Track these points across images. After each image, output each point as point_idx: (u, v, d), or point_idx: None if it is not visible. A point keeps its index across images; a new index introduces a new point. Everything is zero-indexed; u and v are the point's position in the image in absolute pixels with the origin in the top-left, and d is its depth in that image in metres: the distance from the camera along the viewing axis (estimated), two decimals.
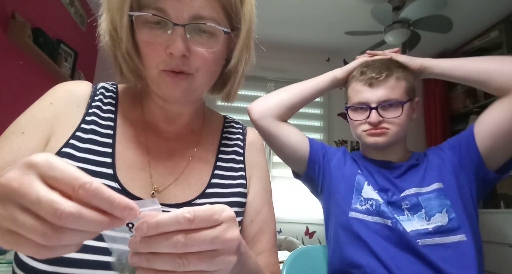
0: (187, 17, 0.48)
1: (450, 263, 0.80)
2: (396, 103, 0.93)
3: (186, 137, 0.62)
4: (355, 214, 0.92)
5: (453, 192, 0.89)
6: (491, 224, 2.51)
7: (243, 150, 0.67)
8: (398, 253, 0.84)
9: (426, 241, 0.84)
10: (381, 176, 0.96)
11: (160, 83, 0.52)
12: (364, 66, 1.00)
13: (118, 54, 0.54)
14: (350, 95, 1.01)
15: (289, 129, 1.04)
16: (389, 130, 0.94)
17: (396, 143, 0.98)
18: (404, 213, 0.89)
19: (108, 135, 0.55)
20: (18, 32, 1.80)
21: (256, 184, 0.65)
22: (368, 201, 0.92)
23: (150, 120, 0.60)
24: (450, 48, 3.23)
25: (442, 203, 0.87)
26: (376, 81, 0.94)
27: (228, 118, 0.72)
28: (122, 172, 0.52)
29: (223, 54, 0.55)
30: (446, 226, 0.85)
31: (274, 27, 3.00)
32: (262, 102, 1.05)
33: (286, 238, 2.26)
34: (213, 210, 0.32)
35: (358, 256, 0.87)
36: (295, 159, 1.04)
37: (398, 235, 0.85)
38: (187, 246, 0.30)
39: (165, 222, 0.30)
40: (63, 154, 0.50)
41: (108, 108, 0.58)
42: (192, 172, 0.58)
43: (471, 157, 0.91)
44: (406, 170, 0.96)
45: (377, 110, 0.93)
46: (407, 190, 0.92)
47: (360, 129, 0.98)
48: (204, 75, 0.53)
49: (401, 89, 0.94)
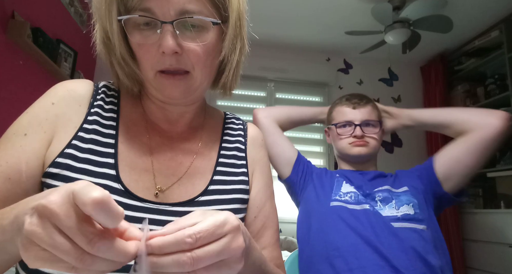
0: (173, 14, 0.47)
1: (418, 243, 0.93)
2: (374, 122, 1.18)
3: (189, 135, 0.62)
4: (335, 203, 1.05)
5: (419, 196, 1.05)
6: (491, 224, 2.51)
7: (245, 146, 0.66)
8: (378, 231, 0.95)
9: (397, 224, 0.97)
10: (357, 178, 1.13)
11: (159, 86, 0.52)
12: (348, 95, 1.27)
13: (113, 60, 0.53)
14: (335, 116, 1.24)
15: (283, 135, 1.27)
16: (369, 143, 1.16)
17: (371, 158, 1.19)
18: (377, 204, 1.04)
19: (110, 135, 0.54)
20: (17, 32, 1.79)
21: (259, 181, 0.65)
22: (347, 194, 1.07)
23: (152, 120, 0.60)
24: (450, 48, 3.23)
25: (410, 200, 1.03)
26: (359, 105, 1.20)
27: (229, 114, 0.72)
28: (125, 173, 0.52)
29: (217, 47, 0.54)
30: (412, 216, 0.99)
31: (274, 26, 3.00)
32: (267, 108, 1.36)
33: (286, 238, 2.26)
34: (215, 225, 0.33)
35: (340, 238, 0.97)
36: (283, 159, 1.22)
37: (375, 215, 0.99)
38: (194, 265, 0.31)
39: (168, 245, 0.31)
40: (66, 155, 0.50)
41: (110, 107, 0.58)
42: (195, 171, 0.58)
43: (430, 179, 1.09)
44: (376, 176, 1.15)
45: (360, 127, 1.16)
46: (380, 187, 1.08)
47: (345, 142, 1.18)
48: (201, 71, 0.52)
49: (375, 114, 1.21)
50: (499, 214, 2.46)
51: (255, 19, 2.45)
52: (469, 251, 2.75)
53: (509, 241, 2.30)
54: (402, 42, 2.57)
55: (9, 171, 0.48)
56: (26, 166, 0.49)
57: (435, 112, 1.20)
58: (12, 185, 0.48)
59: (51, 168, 0.49)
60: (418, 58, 3.38)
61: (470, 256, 2.74)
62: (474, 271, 2.68)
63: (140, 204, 0.51)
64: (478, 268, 2.63)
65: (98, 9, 0.51)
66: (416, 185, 1.08)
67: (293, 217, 3.05)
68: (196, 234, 0.31)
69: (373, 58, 3.29)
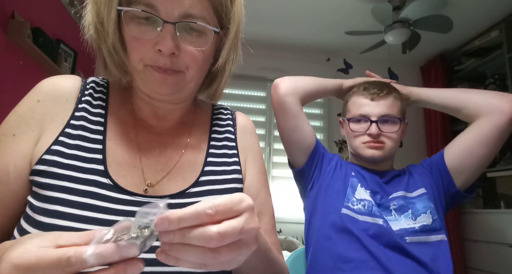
0: (177, 15, 0.47)
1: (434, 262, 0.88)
2: (394, 119, 1.02)
3: (178, 130, 0.61)
4: (347, 211, 0.96)
5: (433, 197, 0.99)
6: (491, 224, 2.51)
7: (235, 136, 0.66)
8: (387, 250, 0.89)
9: (413, 239, 0.90)
10: (372, 180, 1.02)
11: (147, 78, 0.51)
12: (367, 83, 1.09)
13: (103, 47, 0.53)
14: (351, 108, 1.08)
15: (305, 117, 1.08)
16: (385, 144, 1.02)
17: (388, 158, 1.07)
18: (391, 214, 0.96)
19: (98, 132, 0.54)
20: (17, 32, 1.79)
21: (252, 169, 0.64)
22: (360, 201, 0.97)
23: (140, 116, 0.59)
24: (450, 48, 3.23)
25: (427, 205, 0.96)
26: (378, 97, 1.03)
27: (216, 106, 0.71)
28: (113, 169, 0.51)
29: (212, 53, 0.54)
30: (430, 226, 0.92)
31: (273, 26, 3.00)
32: (292, 81, 1.08)
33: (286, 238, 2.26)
34: (233, 201, 0.33)
35: (349, 251, 0.90)
36: (301, 147, 1.07)
37: (387, 233, 0.90)
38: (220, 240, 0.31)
39: (187, 218, 0.30)
40: (53, 152, 0.49)
41: (99, 103, 0.57)
42: (185, 165, 0.57)
43: (441, 173, 1.02)
44: (393, 178, 1.05)
45: (377, 124, 1.01)
46: (395, 193, 0.99)
47: (359, 141, 1.05)
48: (195, 73, 0.52)
49: (397, 107, 1.04)
50: (499, 214, 2.46)
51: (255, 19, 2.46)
52: (469, 251, 2.75)
53: (509, 241, 2.30)
54: (402, 42, 2.57)
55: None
56: (13, 167, 0.48)
57: (444, 94, 1.07)
58: (2, 187, 0.48)
59: (38, 165, 0.48)
60: (418, 58, 3.38)
61: (470, 256, 2.74)
62: (474, 271, 2.68)
63: (130, 197, 0.50)
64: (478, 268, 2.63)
65: None
66: (430, 184, 1.01)
67: (293, 217, 3.05)
68: (216, 206, 0.31)
69: (373, 58, 3.29)
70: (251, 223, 0.33)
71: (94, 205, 0.47)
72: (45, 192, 0.46)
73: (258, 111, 3.28)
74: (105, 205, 0.47)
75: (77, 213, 0.45)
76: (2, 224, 0.48)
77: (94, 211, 0.46)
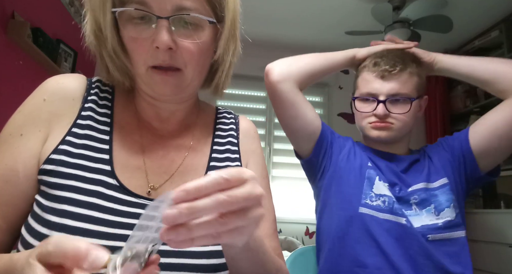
0: (170, 9, 0.47)
1: (454, 259, 0.82)
2: (405, 99, 0.91)
3: (181, 133, 0.61)
4: (366, 210, 0.88)
5: (455, 187, 0.90)
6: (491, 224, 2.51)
7: (237, 140, 0.66)
8: (407, 254, 0.83)
9: (436, 236, 0.84)
10: (389, 170, 0.93)
11: (149, 81, 0.52)
12: (379, 57, 0.95)
13: (104, 53, 0.53)
14: (359, 85, 0.98)
15: (306, 100, 0.97)
16: (393, 125, 0.92)
17: (400, 139, 0.96)
18: (412, 208, 0.88)
19: (105, 132, 0.54)
20: (17, 32, 1.79)
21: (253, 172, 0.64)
22: (380, 197, 0.88)
23: (143, 118, 0.59)
24: (450, 48, 3.23)
25: (449, 198, 0.88)
26: (389, 74, 0.91)
27: (220, 109, 0.71)
28: (119, 170, 0.52)
29: (210, 46, 0.53)
30: (454, 221, 0.85)
31: (274, 27, 3.00)
32: (285, 64, 0.96)
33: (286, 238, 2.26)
34: (237, 171, 0.33)
35: (366, 255, 0.84)
36: (306, 135, 0.97)
37: (410, 234, 0.84)
38: (231, 204, 0.31)
39: (205, 185, 0.30)
40: (60, 152, 0.49)
41: (105, 103, 0.57)
42: (188, 168, 0.58)
43: (465, 157, 0.92)
44: (411, 164, 0.95)
45: (384, 104, 0.91)
46: (415, 185, 0.90)
47: (365, 121, 0.96)
48: (194, 69, 0.52)
49: (412, 84, 0.92)
50: (499, 214, 2.46)
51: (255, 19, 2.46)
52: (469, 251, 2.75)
53: (509, 241, 2.30)
54: None
55: (7, 173, 0.48)
56: (22, 167, 0.49)
57: (474, 63, 0.94)
58: (11, 187, 0.48)
59: (45, 165, 0.48)
60: None
61: None
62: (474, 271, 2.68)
63: (135, 199, 0.50)
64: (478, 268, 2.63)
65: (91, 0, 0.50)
66: (452, 171, 0.92)
67: (293, 217, 3.05)
68: (226, 174, 0.32)
69: None
70: (256, 190, 0.33)
71: (101, 206, 0.47)
72: (54, 191, 0.47)
73: (258, 111, 3.28)
74: (111, 206, 0.48)
75: (84, 213, 0.46)
76: (12, 224, 0.49)
77: (101, 212, 0.47)
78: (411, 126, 0.96)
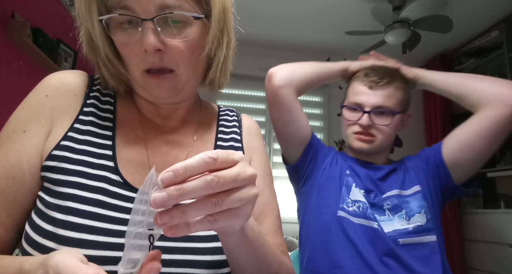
0: (153, 10, 0.46)
1: (424, 262, 0.86)
2: (388, 111, 0.97)
3: (184, 129, 0.61)
4: (343, 214, 0.92)
5: (429, 194, 0.95)
6: (491, 224, 2.51)
7: (241, 137, 0.66)
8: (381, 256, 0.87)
9: (407, 240, 0.88)
10: (367, 177, 0.98)
11: (146, 85, 0.52)
12: (370, 69, 1.02)
13: (99, 61, 0.53)
14: (349, 95, 1.04)
15: (302, 107, 1.02)
16: (376, 138, 0.98)
17: (380, 151, 1.03)
18: (385, 213, 0.93)
19: (108, 128, 0.54)
20: (17, 32, 1.79)
21: (256, 169, 0.64)
22: (355, 203, 0.94)
23: (146, 115, 0.59)
24: (450, 48, 3.23)
25: (421, 204, 0.92)
26: (376, 85, 0.97)
27: (222, 107, 0.71)
28: (122, 166, 0.51)
29: (200, 43, 0.52)
30: (424, 226, 0.90)
31: (274, 26, 3.00)
32: (288, 70, 1.01)
33: (286, 238, 2.26)
34: (227, 152, 0.33)
35: (343, 256, 0.88)
36: (297, 141, 1.02)
37: (381, 237, 0.88)
38: (220, 183, 0.30)
39: (193, 165, 0.30)
40: (62, 148, 0.49)
41: (107, 99, 0.57)
42: None
43: (438, 167, 0.97)
44: (388, 173, 1.01)
45: (369, 115, 0.97)
46: (389, 192, 0.96)
47: (350, 130, 1.02)
48: (187, 68, 0.51)
49: (396, 99, 0.98)
50: (499, 214, 2.46)
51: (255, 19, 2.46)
52: (469, 251, 2.75)
53: (509, 241, 2.30)
54: (402, 42, 2.57)
55: (13, 170, 0.48)
56: (27, 164, 0.48)
57: (450, 80, 0.99)
58: (17, 185, 0.48)
59: (48, 161, 0.48)
60: (418, 58, 3.38)
61: (470, 256, 2.74)
62: (474, 271, 2.68)
63: None
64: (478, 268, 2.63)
65: (79, 10, 0.50)
66: (426, 180, 0.97)
67: (293, 217, 3.04)
68: (213, 154, 0.31)
69: None
70: (247, 170, 0.33)
71: (105, 202, 0.47)
72: (57, 188, 0.47)
73: (258, 111, 3.28)
74: (115, 203, 0.48)
75: (89, 209, 0.46)
76: (17, 221, 0.49)
77: (105, 208, 0.47)
78: (391, 139, 1.03)
